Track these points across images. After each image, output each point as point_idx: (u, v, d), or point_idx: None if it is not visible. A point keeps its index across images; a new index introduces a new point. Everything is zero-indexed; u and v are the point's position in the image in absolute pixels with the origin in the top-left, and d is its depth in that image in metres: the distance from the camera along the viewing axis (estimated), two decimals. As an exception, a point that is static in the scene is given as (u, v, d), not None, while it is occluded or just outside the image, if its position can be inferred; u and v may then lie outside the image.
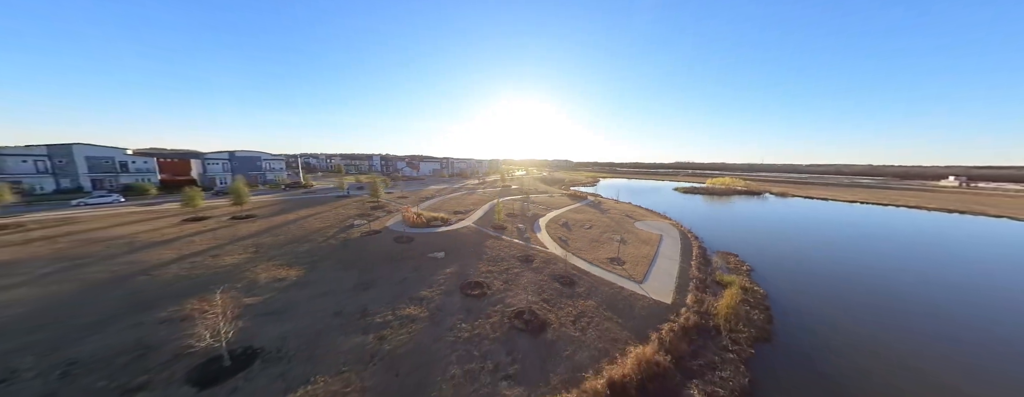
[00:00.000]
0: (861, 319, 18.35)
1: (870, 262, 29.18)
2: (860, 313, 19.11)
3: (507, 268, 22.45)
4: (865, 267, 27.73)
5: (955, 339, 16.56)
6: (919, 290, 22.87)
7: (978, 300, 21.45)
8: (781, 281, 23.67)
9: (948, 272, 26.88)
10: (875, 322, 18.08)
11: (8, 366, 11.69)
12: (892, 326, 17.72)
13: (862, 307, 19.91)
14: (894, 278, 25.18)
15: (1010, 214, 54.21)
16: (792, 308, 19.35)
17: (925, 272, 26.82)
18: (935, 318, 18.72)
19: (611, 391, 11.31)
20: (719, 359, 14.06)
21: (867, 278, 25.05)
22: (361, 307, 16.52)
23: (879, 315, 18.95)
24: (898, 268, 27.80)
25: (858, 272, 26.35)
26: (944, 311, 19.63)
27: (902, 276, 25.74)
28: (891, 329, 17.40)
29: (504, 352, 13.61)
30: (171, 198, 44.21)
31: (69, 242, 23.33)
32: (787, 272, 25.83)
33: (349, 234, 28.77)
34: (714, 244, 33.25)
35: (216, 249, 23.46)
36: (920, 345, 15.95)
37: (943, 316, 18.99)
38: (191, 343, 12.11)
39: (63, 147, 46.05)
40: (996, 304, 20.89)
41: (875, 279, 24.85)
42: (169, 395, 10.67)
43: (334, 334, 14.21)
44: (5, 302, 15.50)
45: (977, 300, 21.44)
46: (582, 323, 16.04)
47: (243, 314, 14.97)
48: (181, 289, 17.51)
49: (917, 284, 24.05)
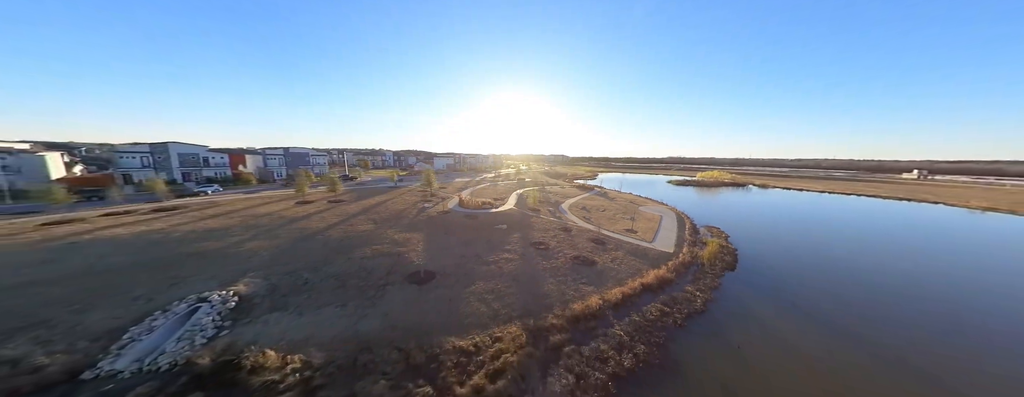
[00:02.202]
0: (797, 263, 27.05)
1: (816, 232, 38.12)
2: (798, 260, 27.82)
3: (554, 235, 30.90)
4: (811, 235, 36.64)
5: (861, 274, 25.26)
6: (842, 247, 31.71)
7: (880, 253, 30.32)
8: (748, 242, 32.39)
9: (871, 239, 35.78)
10: (807, 265, 26.77)
11: (301, 277, 19.93)
12: (817, 266, 26.42)
13: (800, 257, 28.65)
14: (828, 240, 34.09)
15: (944, 201, 63.78)
16: (752, 255, 28.05)
17: (852, 237, 35.75)
18: (850, 263, 27.43)
19: (642, 286, 19.85)
20: (702, 276, 22.67)
21: (809, 241, 33.92)
22: (475, 254, 24.90)
23: (811, 260, 27.68)
24: (833, 234, 36.73)
25: (804, 238, 35.23)
26: (859, 260, 28.39)
27: (834, 238, 34.68)
28: (816, 268, 26.09)
29: (574, 274, 22.05)
30: (253, 187, 51.92)
31: (240, 217, 31.34)
32: (754, 237, 34.57)
33: (428, 213, 37.03)
34: (702, 222, 41.93)
35: (346, 221, 31.65)
36: (834, 278, 24.58)
37: (857, 263, 27.73)
38: (394, 266, 20.46)
39: (161, 145, 53.39)
40: (889, 254, 29.78)
41: (814, 241, 33.72)
42: (404, 288, 19.01)
43: (470, 265, 22.58)
44: (253, 250, 23.65)
45: (879, 253, 30.32)
46: (617, 262, 24.58)
47: (414, 255, 23.35)
48: (352, 243, 25.74)
49: (842, 243, 32.96)
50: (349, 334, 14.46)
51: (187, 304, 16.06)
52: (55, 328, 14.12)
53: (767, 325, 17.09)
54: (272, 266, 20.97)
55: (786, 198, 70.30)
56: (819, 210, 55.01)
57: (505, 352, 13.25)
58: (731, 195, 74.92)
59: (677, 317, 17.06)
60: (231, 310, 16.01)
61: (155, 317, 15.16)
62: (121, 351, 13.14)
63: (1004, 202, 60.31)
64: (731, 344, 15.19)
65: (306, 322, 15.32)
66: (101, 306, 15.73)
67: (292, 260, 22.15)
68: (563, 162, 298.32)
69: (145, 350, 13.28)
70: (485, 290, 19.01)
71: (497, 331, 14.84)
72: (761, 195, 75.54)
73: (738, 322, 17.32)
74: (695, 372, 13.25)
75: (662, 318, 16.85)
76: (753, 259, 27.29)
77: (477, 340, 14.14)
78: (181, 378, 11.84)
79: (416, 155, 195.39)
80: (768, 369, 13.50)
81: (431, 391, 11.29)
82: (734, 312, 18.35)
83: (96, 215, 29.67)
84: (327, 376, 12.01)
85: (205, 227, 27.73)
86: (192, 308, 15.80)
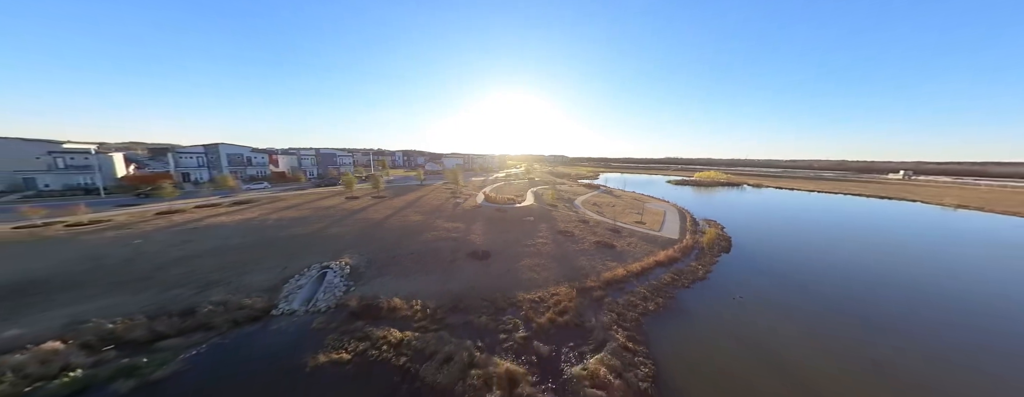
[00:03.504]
0: (784, 248, 31.86)
1: (801, 225, 42.99)
2: (784, 246, 32.65)
3: (576, 225, 35.68)
4: (796, 227, 41.51)
5: (835, 256, 30.07)
6: (822, 236, 36.59)
7: (854, 240, 35.15)
8: (742, 232, 37.19)
9: (848, 231, 40.65)
10: (792, 250, 31.58)
11: (388, 254, 24.70)
12: (800, 251, 31.21)
13: (786, 244, 33.48)
14: (811, 231, 39.00)
15: (922, 200, 68.69)
16: (745, 243, 32.86)
17: (831, 227, 40.65)
18: (828, 249, 32.25)
19: (655, 262, 24.69)
20: (703, 256, 27.50)
21: (794, 232, 38.80)
22: (515, 239, 29.70)
23: (795, 247, 32.50)
24: (816, 227, 41.61)
25: (791, 230, 40.11)
26: (835, 246, 33.22)
27: (816, 230, 39.59)
28: (799, 252, 30.88)
29: (599, 254, 26.84)
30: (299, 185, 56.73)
31: (308, 210, 36.13)
32: (746, 229, 39.39)
33: (463, 207, 41.83)
34: (701, 216, 46.76)
35: (398, 214, 36.44)
36: (813, 259, 29.38)
37: (834, 248, 32.54)
38: (455, 247, 25.27)
39: (212, 146, 58.18)
40: (862, 241, 34.62)
41: (799, 232, 38.61)
42: (469, 262, 23.79)
43: (514, 247, 27.37)
44: (337, 235, 28.42)
45: (853, 240, 35.15)
46: (632, 245, 29.40)
47: (467, 239, 28.17)
48: (413, 230, 30.53)
49: (822, 233, 37.86)
50: (443, 291, 19.27)
51: (317, 270, 20.90)
52: (231, 284, 18.94)
53: (756, 288, 21.92)
54: (359, 247, 25.76)
55: (777, 196, 75.20)
56: (806, 207, 59.95)
57: (563, 301, 18.06)
58: (727, 194, 79.79)
59: (684, 282, 21.94)
60: (348, 275, 20.83)
61: (297, 278, 20.00)
62: (288, 298, 17.98)
63: (975, 200, 65.24)
64: (729, 296, 20.10)
65: (407, 284, 20.13)
66: (253, 271, 20.55)
67: (372, 242, 26.94)
68: (562, 162, 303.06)
69: (304, 298, 18.12)
70: (532, 265, 23.82)
71: (552, 290, 19.65)
72: (754, 194, 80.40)
73: (733, 285, 22.15)
74: (700, 313, 18.11)
75: (673, 282, 21.72)
76: (746, 245, 32.14)
77: (540, 294, 18.96)
78: (341, 314, 16.66)
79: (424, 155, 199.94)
80: (757, 312, 18.32)
81: (520, 321, 16.12)
82: (730, 280, 23.18)
83: (192, 206, 34.41)
84: (443, 314, 16.85)
85: (287, 216, 32.52)
86: (321, 273, 20.63)
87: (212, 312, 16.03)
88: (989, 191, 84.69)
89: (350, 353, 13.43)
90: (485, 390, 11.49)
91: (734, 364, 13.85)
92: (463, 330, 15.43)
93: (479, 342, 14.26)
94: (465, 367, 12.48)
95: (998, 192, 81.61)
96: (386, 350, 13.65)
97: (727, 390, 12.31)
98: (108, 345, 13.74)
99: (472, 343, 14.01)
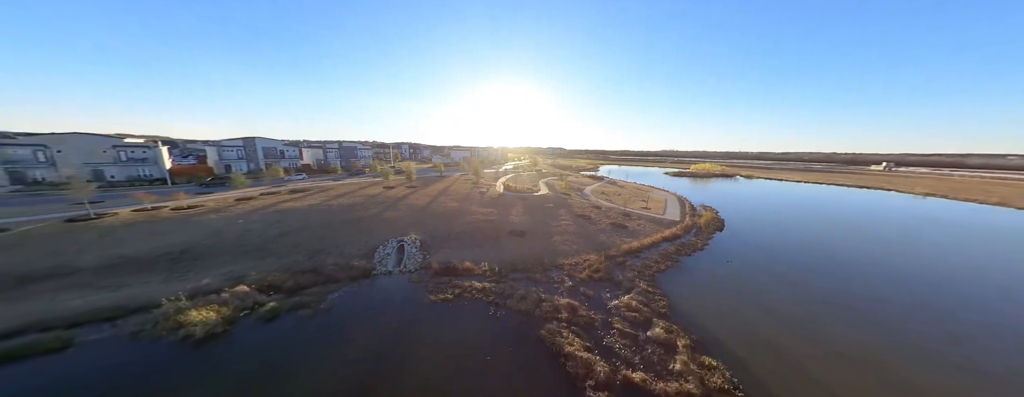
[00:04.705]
0: (770, 228, 37.02)
1: (786, 210, 48.23)
2: (770, 227, 37.80)
3: (591, 210, 40.62)
4: (781, 212, 46.73)
5: (813, 234, 35.30)
6: (803, 218, 41.82)
7: (830, 221, 40.44)
8: (734, 215, 42.32)
9: (826, 214, 45.95)
10: (776, 229, 36.74)
11: (445, 231, 29.50)
12: (783, 230, 36.38)
13: (772, 225, 38.64)
14: (794, 215, 44.20)
15: (897, 189, 74.29)
16: (737, 224, 37.97)
17: (811, 212, 45.91)
18: (808, 228, 37.43)
19: (662, 238, 29.74)
20: (701, 233, 32.58)
21: (780, 215, 44.01)
22: (542, 221, 34.59)
23: (779, 228, 37.68)
24: (799, 211, 46.85)
25: (777, 214, 45.31)
26: (814, 226, 38.43)
27: (798, 214, 44.80)
28: (782, 230, 36.05)
29: (615, 232, 31.82)
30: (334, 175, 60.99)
31: (358, 197, 40.68)
32: (738, 213, 44.52)
33: (488, 195, 46.55)
34: (697, 202, 51.89)
35: (435, 201, 41.11)
36: (794, 237, 34.57)
37: (813, 228, 37.75)
38: (495, 228, 30.16)
39: (249, 140, 62.17)
40: (837, 221, 39.90)
41: (784, 216, 43.82)
42: (510, 239, 28.66)
43: (542, 228, 32.27)
44: (394, 218, 33.12)
45: (830, 221, 40.44)
46: (641, 225, 34.42)
47: (502, 221, 33.04)
48: (453, 214, 35.29)
49: (803, 216, 43.08)
50: (498, 258, 24.13)
51: (394, 243, 25.71)
52: (334, 252, 23.72)
53: (744, 255, 27.03)
54: (417, 227, 30.52)
55: (767, 186, 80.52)
56: (792, 195, 65.28)
57: (594, 264, 23.04)
58: (721, 184, 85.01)
59: (687, 252, 27.04)
60: (420, 247, 25.66)
61: (382, 248, 24.82)
62: (382, 262, 22.82)
63: (943, 189, 70.89)
64: (723, 261, 25.26)
65: (467, 253, 24.98)
66: (345, 244, 25.33)
67: (425, 223, 31.72)
68: (561, 155, 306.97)
69: (394, 262, 22.97)
70: (563, 240, 28.75)
71: (584, 257, 24.62)
72: (747, 184, 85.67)
73: (726, 254, 27.25)
74: (700, 272, 23.21)
75: (678, 252, 26.79)
76: (737, 226, 37.29)
77: (575, 260, 23.94)
78: (427, 273, 21.54)
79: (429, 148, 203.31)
80: (744, 271, 23.40)
81: (565, 277, 21.09)
82: (723, 250, 28.28)
83: (257, 194, 38.90)
84: (505, 272, 21.76)
85: (343, 203, 37.15)
86: (399, 245, 25.47)
87: (334, 270, 20.89)
88: (959, 181, 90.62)
89: (451, 295, 18.36)
90: (554, 313, 16.47)
91: (727, 302, 18.93)
92: (524, 283, 20.39)
93: (540, 289, 19.26)
94: (537, 301, 17.46)
95: (967, 182, 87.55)
96: (475, 293, 18.59)
97: (723, 316, 17.36)
98: (271, 291, 18.58)
99: (536, 289, 19.01)
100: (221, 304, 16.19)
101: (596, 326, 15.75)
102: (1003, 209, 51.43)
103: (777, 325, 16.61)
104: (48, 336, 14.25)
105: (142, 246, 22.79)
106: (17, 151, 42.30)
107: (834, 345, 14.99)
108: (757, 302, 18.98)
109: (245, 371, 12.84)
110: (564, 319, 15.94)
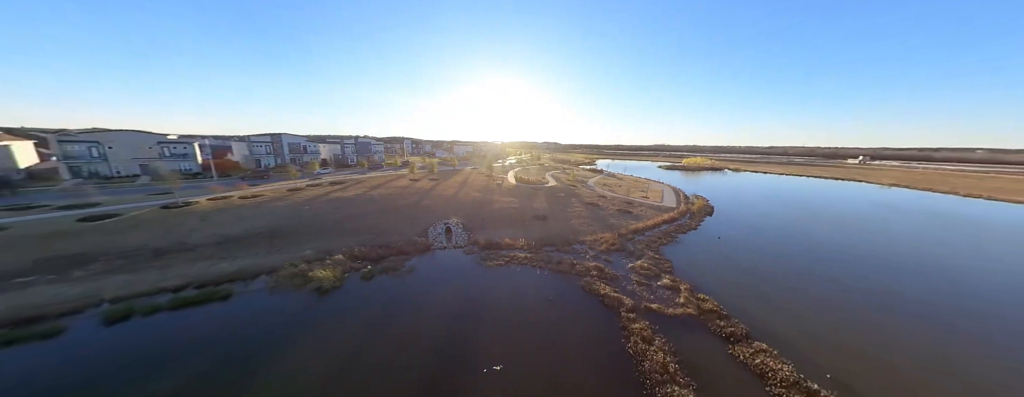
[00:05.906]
0: (752, 213, 42.39)
1: (767, 198, 53.83)
2: (753, 212, 43.18)
3: (598, 199, 45.54)
4: (763, 200, 52.31)
5: (789, 217, 40.75)
6: (781, 204, 47.36)
7: (804, 207, 46.03)
8: (722, 203, 47.65)
9: (802, 201, 51.64)
10: (758, 214, 42.10)
11: (479, 216, 34.09)
12: (764, 215, 41.74)
13: (755, 210, 44.03)
14: (773, 202, 49.76)
15: (867, 180, 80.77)
16: (725, 210, 43.27)
17: (788, 199, 51.54)
18: (782, 212, 42.94)
19: (661, 221, 34.83)
20: (694, 217, 37.75)
21: (761, 203, 49.52)
22: (559, 208, 39.38)
23: (760, 213, 43.06)
24: (778, 198, 52.48)
25: (759, 201, 50.83)
26: (789, 211, 43.96)
27: (778, 201, 50.38)
28: (763, 215, 41.41)
29: (622, 217, 36.79)
30: (361, 169, 64.84)
31: (392, 189, 44.91)
32: (726, 201, 49.88)
33: (504, 187, 51.13)
34: (690, 192, 57.21)
35: (460, 192, 45.56)
36: (773, 221, 39.94)
37: (789, 212, 43.27)
38: (519, 213, 34.91)
39: (276, 136, 65.49)
40: (809, 208, 45.49)
41: (764, 203, 49.32)
42: (535, 222, 33.43)
43: (561, 213, 37.07)
44: (430, 206, 37.57)
45: (803, 207, 46.02)
46: (644, 211, 39.46)
47: (524, 207, 37.76)
48: (480, 203, 39.87)
49: (781, 202, 48.65)
50: (530, 236, 28.88)
51: (442, 226, 30.26)
52: (395, 233, 28.21)
53: (730, 233, 32.21)
54: (454, 213, 35.07)
55: (753, 179, 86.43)
56: (773, 186, 71.15)
57: (609, 239, 27.96)
58: (711, 176, 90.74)
59: (683, 231, 32.15)
60: (464, 228, 30.28)
61: (433, 230, 29.37)
62: (437, 240, 27.42)
63: (907, 180, 77.55)
64: (713, 237, 30.43)
65: (503, 233, 29.66)
66: (402, 226, 29.82)
67: (460, 210, 36.27)
68: (556, 149, 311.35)
69: (445, 241, 27.57)
70: (579, 223, 33.62)
71: (600, 235, 29.50)
72: (734, 177, 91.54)
73: (715, 232, 32.44)
74: (695, 245, 28.32)
75: (675, 231, 31.88)
76: (725, 211, 42.61)
77: (593, 237, 28.83)
78: (475, 248, 26.20)
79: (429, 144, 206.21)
80: (730, 245, 28.54)
81: (588, 249, 25.97)
82: (713, 229, 33.45)
83: (305, 185, 42.94)
84: (539, 247, 26.53)
85: (382, 193, 41.44)
86: (446, 227, 30.04)
87: (402, 245, 25.45)
88: (922, 173, 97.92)
89: (503, 262, 23.10)
90: (586, 272, 21.34)
91: (716, 264, 24.00)
92: (557, 254, 25.19)
93: (571, 258, 24.11)
94: (572, 264, 22.32)
95: (930, 173, 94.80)
96: (521, 260, 23.36)
97: (713, 273, 22.38)
98: (359, 260, 23.10)
99: (568, 257, 23.87)
100: (331, 266, 20.71)
101: (619, 279, 20.69)
102: (950, 197, 57.88)
103: (754, 278, 21.72)
104: (206, 291, 18.65)
105: (236, 227, 27.01)
106: (75, 147, 45.42)
107: (795, 286, 20.19)
108: (739, 265, 24.13)
109: (367, 313, 17.42)
110: (595, 275, 20.84)
